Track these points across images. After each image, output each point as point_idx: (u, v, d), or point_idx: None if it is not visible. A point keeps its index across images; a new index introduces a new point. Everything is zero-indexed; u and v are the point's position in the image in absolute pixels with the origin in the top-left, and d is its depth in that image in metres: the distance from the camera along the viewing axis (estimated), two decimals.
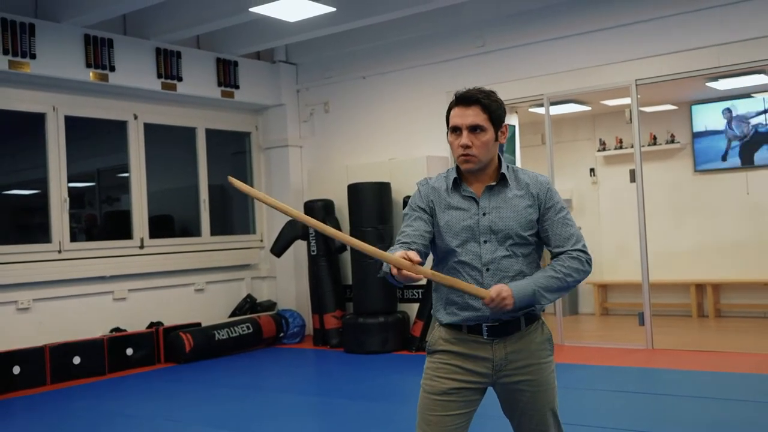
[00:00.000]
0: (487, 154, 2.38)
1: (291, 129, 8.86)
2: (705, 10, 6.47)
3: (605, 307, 9.47)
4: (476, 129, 2.36)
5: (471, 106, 2.36)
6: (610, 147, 9.47)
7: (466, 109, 2.37)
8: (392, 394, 5.80)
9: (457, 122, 2.38)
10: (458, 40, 7.72)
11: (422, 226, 2.40)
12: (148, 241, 7.75)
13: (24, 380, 6.34)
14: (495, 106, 2.38)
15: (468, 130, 2.36)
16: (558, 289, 2.34)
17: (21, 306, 6.70)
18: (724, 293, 8.84)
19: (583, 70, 7.09)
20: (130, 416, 5.41)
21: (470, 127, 2.35)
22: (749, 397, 4.99)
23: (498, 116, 2.39)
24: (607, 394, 5.28)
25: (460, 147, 2.37)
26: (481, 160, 2.38)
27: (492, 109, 2.37)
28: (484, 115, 2.36)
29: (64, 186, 7.10)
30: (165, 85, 7.61)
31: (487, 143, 2.37)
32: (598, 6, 6.96)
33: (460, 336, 2.41)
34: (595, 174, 9.65)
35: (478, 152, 2.36)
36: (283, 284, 8.83)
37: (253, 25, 7.70)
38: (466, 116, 2.36)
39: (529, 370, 2.40)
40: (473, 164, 2.38)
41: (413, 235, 2.38)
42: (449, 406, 2.37)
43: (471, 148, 2.35)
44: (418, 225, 2.40)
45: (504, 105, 2.44)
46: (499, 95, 2.44)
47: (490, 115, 2.37)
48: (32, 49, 6.51)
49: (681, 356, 6.44)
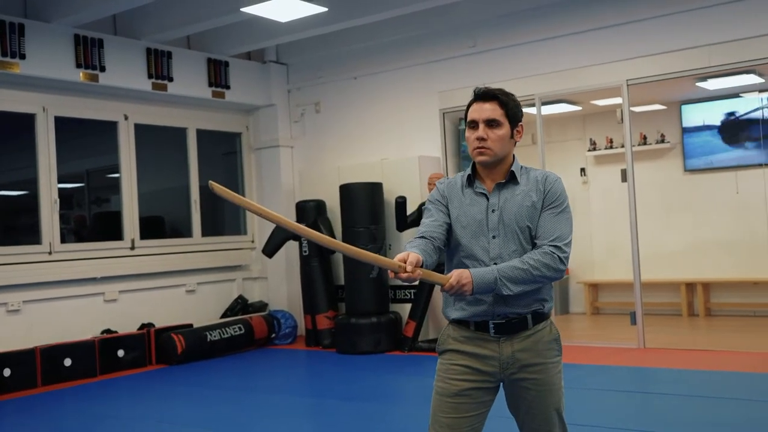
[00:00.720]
0: (502, 149, 2.42)
1: (282, 129, 8.84)
2: (695, 10, 6.51)
3: (596, 306, 9.50)
4: (492, 123, 2.40)
5: (489, 101, 2.42)
6: (600, 147, 9.49)
7: (483, 103, 2.42)
8: (385, 395, 5.80)
9: (474, 116, 2.43)
10: (450, 41, 7.73)
11: (441, 217, 2.45)
12: (139, 242, 7.72)
13: (14, 382, 6.30)
14: (512, 104, 2.44)
15: (484, 123, 2.40)
16: (523, 281, 2.32)
17: (11, 308, 6.65)
18: (714, 292, 8.88)
19: (574, 70, 7.11)
20: (121, 418, 5.39)
21: (487, 121, 2.40)
22: (740, 395, 5.02)
23: (514, 114, 2.44)
24: (600, 393, 5.30)
25: (475, 140, 2.41)
26: (496, 153, 2.41)
27: (509, 106, 2.43)
28: (501, 110, 2.41)
29: (54, 187, 7.06)
30: (155, 86, 7.59)
31: (502, 138, 2.41)
32: (589, 7, 6.98)
33: (468, 334, 2.42)
34: (585, 174, 9.67)
35: (493, 145, 2.40)
36: (274, 285, 8.81)
37: (243, 25, 7.68)
38: (483, 110, 2.41)
39: (536, 369, 2.41)
40: (488, 156, 2.41)
41: (431, 225, 2.43)
42: (461, 407, 2.38)
43: (486, 141, 2.39)
44: (437, 216, 2.46)
45: (521, 106, 2.49)
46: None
47: (506, 111, 2.42)
48: (22, 50, 6.48)
49: (673, 355, 6.46)
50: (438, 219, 2.45)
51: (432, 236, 2.39)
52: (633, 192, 6.89)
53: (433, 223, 2.43)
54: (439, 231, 2.42)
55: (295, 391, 6.22)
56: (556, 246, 2.36)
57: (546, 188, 2.43)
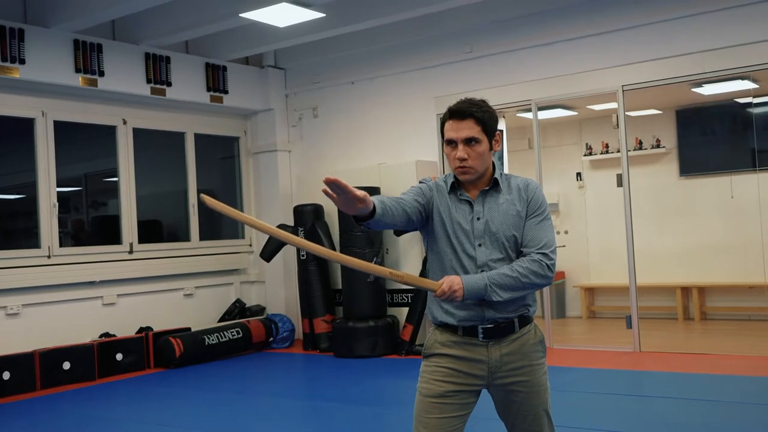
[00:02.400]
0: (482, 164, 2.45)
1: (280, 134, 8.88)
2: (690, 17, 6.57)
3: (592, 310, 9.54)
4: (471, 141, 2.42)
5: (465, 119, 2.42)
6: (596, 151, 9.55)
7: (459, 122, 2.42)
8: (382, 398, 5.83)
9: (452, 136, 2.43)
10: (446, 46, 7.78)
11: (419, 202, 2.44)
12: (137, 246, 7.75)
13: (13, 386, 6.32)
14: (487, 116, 2.44)
15: (463, 143, 2.42)
16: (511, 287, 2.36)
17: (10, 311, 6.68)
18: (709, 296, 8.93)
19: (570, 75, 7.16)
20: (120, 421, 5.41)
21: (465, 140, 2.42)
22: (735, 399, 5.06)
23: (491, 126, 2.45)
24: (596, 396, 5.33)
25: (456, 159, 2.43)
26: (477, 170, 2.44)
27: (485, 120, 2.43)
28: (477, 127, 2.42)
29: (53, 191, 7.09)
30: (154, 90, 7.62)
31: (482, 154, 2.43)
32: (586, 13, 7.04)
33: (456, 339, 2.46)
34: (581, 178, 9.72)
35: (474, 163, 2.43)
36: (272, 289, 8.84)
37: (242, 31, 7.72)
38: (461, 130, 2.42)
39: (524, 371, 2.46)
40: (470, 175, 2.45)
41: (409, 199, 2.43)
42: (445, 408, 2.42)
43: (467, 160, 2.42)
44: (417, 198, 2.45)
45: (496, 114, 2.50)
46: (488, 102, 2.50)
47: (483, 127, 2.43)
48: (21, 54, 6.51)
49: (668, 358, 6.51)
50: (418, 199, 2.44)
51: (404, 201, 2.40)
52: (629, 196, 6.94)
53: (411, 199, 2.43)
54: (413, 205, 2.42)
55: (293, 394, 6.25)
56: (544, 254, 2.40)
57: (529, 196, 2.47)
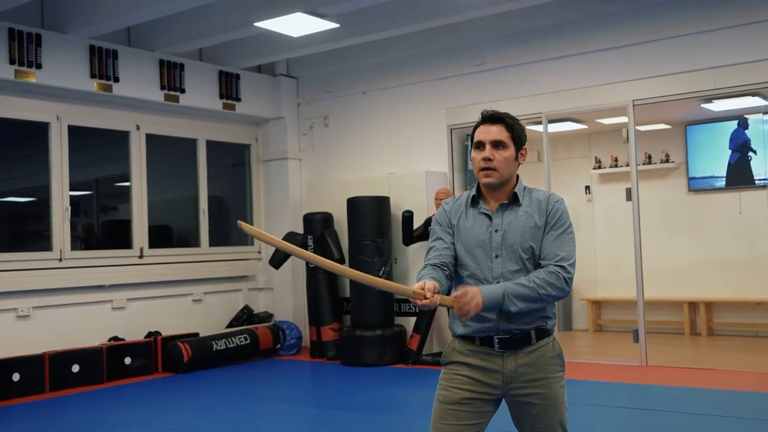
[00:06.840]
0: (507, 170, 2.50)
1: (291, 142, 8.94)
2: (701, 33, 6.60)
3: (599, 323, 9.54)
4: (498, 145, 2.48)
5: (496, 123, 2.51)
6: (605, 165, 9.56)
7: (490, 126, 2.51)
8: (388, 407, 5.86)
9: (481, 138, 2.51)
10: (457, 58, 7.83)
11: (449, 239, 2.54)
12: (148, 250, 7.80)
13: (23, 387, 6.38)
14: (518, 127, 2.53)
15: (491, 144, 2.48)
16: (529, 298, 2.38)
17: (21, 313, 6.74)
18: (716, 312, 8.92)
19: (580, 89, 7.20)
20: (127, 425, 5.44)
21: (493, 143, 2.48)
22: (741, 414, 5.06)
23: (519, 137, 2.53)
24: (602, 410, 5.35)
25: (482, 160, 2.48)
26: (501, 174, 2.49)
27: (515, 129, 2.52)
28: (507, 133, 2.50)
29: (66, 195, 7.15)
30: (168, 97, 7.69)
31: (507, 159, 2.49)
32: (596, 28, 7.08)
33: (473, 348, 2.49)
34: (590, 191, 9.73)
35: (499, 166, 2.48)
36: (280, 296, 8.88)
37: (255, 39, 7.79)
38: (490, 132, 2.50)
39: (539, 383, 2.47)
40: (493, 178, 2.49)
41: (441, 251, 2.51)
42: (462, 415, 2.45)
43: (492, 161, 2.47)
44: (445, 238, 2.54)
45: (525, 131, 2.58)
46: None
47: (512, 134, 2.51)
48: (38, 59, 6.59)
49: (675, 373, 6.51)
50: (446, 241, 2.53)
51: (443, 263, 2.48)
52: (637, 210, 6.96)
53: (443, 247, 2.52)
54: (449, 257, 2.50)
55: (299, 401, 6.28)
56: (561, 266, 2.42)
57: (548, 209, 2.49)
